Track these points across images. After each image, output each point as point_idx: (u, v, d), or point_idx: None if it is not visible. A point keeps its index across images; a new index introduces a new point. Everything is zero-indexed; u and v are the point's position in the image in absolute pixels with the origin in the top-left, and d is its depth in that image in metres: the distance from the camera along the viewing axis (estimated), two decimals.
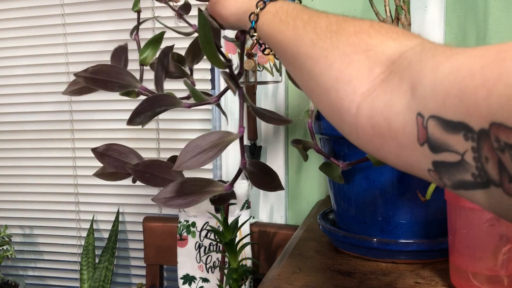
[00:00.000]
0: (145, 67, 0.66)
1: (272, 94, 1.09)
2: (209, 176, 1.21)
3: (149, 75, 0.62)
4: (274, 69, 1.08)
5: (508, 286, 0.49)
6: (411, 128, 0.29)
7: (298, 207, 1.12)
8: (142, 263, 1.20)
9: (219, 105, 0.63)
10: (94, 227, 1.29)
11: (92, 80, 0.56)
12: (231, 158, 1.15)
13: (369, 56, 0.34)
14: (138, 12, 0.72)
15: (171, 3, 0.69)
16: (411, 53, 0.32)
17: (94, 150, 0.59)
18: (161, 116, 0.61)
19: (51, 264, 1.36)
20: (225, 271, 0.95)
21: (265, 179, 0.58)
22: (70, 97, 1.28)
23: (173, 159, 0.64)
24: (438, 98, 0.26)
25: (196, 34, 0.61)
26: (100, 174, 0.62)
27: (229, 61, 0.54)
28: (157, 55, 0.61)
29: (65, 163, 1.30)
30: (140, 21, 0.73)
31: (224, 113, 0.67)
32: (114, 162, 0.60)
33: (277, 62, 1.07)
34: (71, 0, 1.23)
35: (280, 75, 1.08)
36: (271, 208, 1.12)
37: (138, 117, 0.52)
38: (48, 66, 1.28)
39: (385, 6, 0.71)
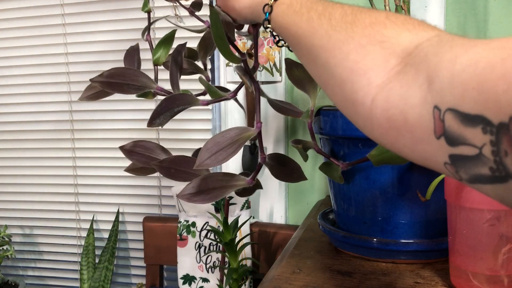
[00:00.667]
0: (158, 67, 0.66)
1: (272, 94, 1.09)
2: None
3: (162, 74, 0.62)
4: (274, 69, 1.08)
5: (508, 286, 0.49)
6: (428, 121, 0.28)
7: (298, 207, 1.12)
8: (142, 263, 1.20)
9: (236, 100, 0.63)
10: (94, 227, 1.29)
11: (108, 84, 0.57)
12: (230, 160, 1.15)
13: (385, 48, 0.34)
14: (148, 12, 0.71)
15: (182, 1, 0.68)
16: (428, 45, 0.31)
17: (122, 148, 0.59)
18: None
19: (51, 264, 1.36)
20: (225, 271, 0.95)
21: (286, 171, 0.58)
22: (70, 97, 1.28)
23: (197, 153, 0.65)
24: (456, 91, 0.25)
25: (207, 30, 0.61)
26: (131, 170, 0.62)
27: (243, 55, 0.54)
28: (170, 53, 0.61)
29: (65, 163, 1.30)
30: (151, 21, 0.72)
31: (242, 107, 0.68)
32: (142, 158, 0.60)
33: (277, 62, 1.07)
34: (71, 0, 1.23)
35: (280, 75, 1.08)
36: (271, 208, 1.12)
37: (158, 118, 0.52)
38: (48, 66, 1.28)
39: (385, 6, 0.71)
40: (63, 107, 1.28)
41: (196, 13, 0.65)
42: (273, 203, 1.12)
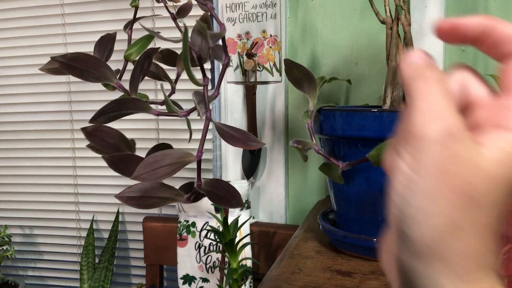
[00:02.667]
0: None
1: (272, 94, 1.09)
2: (210, 176, 1.21)
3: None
4: (274, 69, 1.08)
5: (508, 285, 0.49)
6: None
7: (298, 207, 1.12)
8: (142, 263, 1.20)
9: (187, 120, 0.63)
10: (94, 227, 1.29)
11: (68, 66, 0.56)
12: (230, 157, 1.15)
13: None
14: (136, 7, 0.72)
15: (169, 3, 0.69)
16: None
17: (83, 129, 0.59)
18: (161, 116, 0.61)
19: (51, 264, 1.36)
20: (225, 271, 0.95)
21: (224, 197, 0.57)
22: (70, 97, 1.28)
23: (154, 149, 0.64)
24: None
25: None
26: (92, 147, 0.63)
27: (205, 79, 0.54)
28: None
29: (65, 163, 1.30)
30: (137, 17, 0.73)
31: (190, 129, 0.66)
32: (101, 142, 0.61)
33: (277, 62, 1.07)
34: (71, 0, 1.23)
35: (280, 75, 1.08)
36: (271, 208, 1.12)
37: (102, 116, 0.53)
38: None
39: (385, 6, 0.71)
40: (63, 107, 1.28)
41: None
42: (273, 203, 1.12)
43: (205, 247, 1.09)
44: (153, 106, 0.58)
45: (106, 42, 0.66)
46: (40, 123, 1.31)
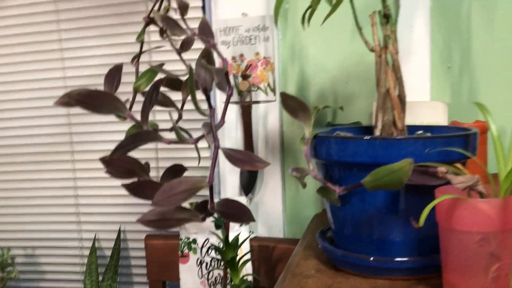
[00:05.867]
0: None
1: (267, 112, 1.13)
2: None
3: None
4: (268, 89, 1.12)
5: None
6: None
7: (295, 221, 1.16)
8: (145, 280, 1.23)
9: (196, 146, 0.66)
10: (96, 245, 1.31)
11: (82, 102, 0.60)
12: (228, 172, 1.18)
13: None
14: (142, 42, 0.75)
15: (173, 37, 0.72)
16: None
17: (102, 159, 0.63)
18: (172, 144, 0.64)
19: (55, 283, 1.39)
20: (228, 287, 0.99)
21: (236, 214, 0.61)
22: (69, 120, 1.31)
23: (169, 171, 0.68)
24: None
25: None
26: (110, 172, 0.66)
27: (212, 110, 0.59)
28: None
29: (66, 184, 1.33)
30: (143, 50, 0.76)
31: (198, 154, 0.71)
32: (118, 168, 0.65)
33: (271, 82, 1.11)
34: (69, 26, 1.26)
35: (274, 94, 1.12)
36: (269, 223, 1.16)
37: (120, 150, 0.57)
38: (46, 90, 1.31)
39: (373, 35, 0.75)
40: (62, 129, 1.31)
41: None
42: (271, 217, 1.16)
43: (207, 263, 1.12)
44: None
45: (114, 74, 0.70)
46: (40, 146, 1.34)
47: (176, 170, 0.71)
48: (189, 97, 0.63)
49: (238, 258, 0.94)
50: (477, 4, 1.00)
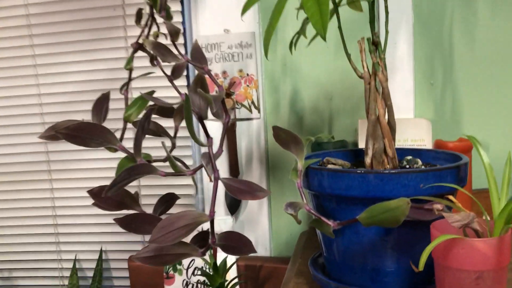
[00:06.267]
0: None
1: (251, 129, 1.12)
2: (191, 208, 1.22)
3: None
4: (252, 107, 1.10)
5: None
6: None
7: (281, 239, 1.15)
8: None
9: (193, 178, 0.66)
10: (77, 266, 1.28)
11: (72, 137, 0.57)
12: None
13: None
14: (130, 70, 0.72)
15: (165, 63, 0.69)
16: None
17: (90, 192, 0.60)
18: (168, 176, 0.62)
19: None
20: None
21: (237, 247, 0.60)
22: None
23: (161, 201, 0.66)
24: None
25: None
26: (97, 205, 0.64)
27: (209, 140, 0.57)
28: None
29: (44, 204, 1.29)
30: (132, 77, 0.73)
31: (195, 184, 0.70)
32: (107, 200, 0.62)
33: (255, 99, 1.10)
34: (42, 41, 1.22)
35: (259, 112, 1.10)
36: (255, 241, 1.15)
37: (116, 186, 0.54)
38: (21, 107, 1.26)
39: (362, 62, 0.74)
40: (39, 148, 1.27)
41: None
42: (257, 235, 1.14)
43: (193, 284, 1.11)
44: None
45: (102, 103, 0.67)
46: (16, 165, 1.29)
47: (168, 199, 0.68)
48: (183, 124, 0.61)
49: (226, 284, 0.92)
50: (458, 19, 1.01)
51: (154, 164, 0.60)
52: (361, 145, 1.01)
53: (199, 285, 1.10)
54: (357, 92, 1.06)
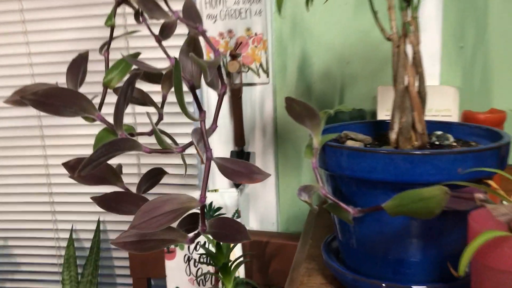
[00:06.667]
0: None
1: (259, 96, 1.02)
2: (195, 189, 1.14)
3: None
4: (260, 70, 1.00)
5: None
6: None
7: (289, 213, 1.07)
8: (129, 275, 1.15)
9: (182, 156, 0.57)
10: (74, 236, 1.22)
11: (41, 104, 0.49)
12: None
13: None
14: (112, 27, 0.63)
15: (152, 21, 0.60)
16: None
17: (65, 164, 0.51)
18: (154, 153, 0.55)
19: (30, 275, 1.29)
20: None
21: (230, 234, 0.53)
22: None
23: (148, 175, 0.58)
24: None
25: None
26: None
27: (202, 114, 0.48)
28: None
29: (37, 171, 1.21)
30: (113, 37, 0.64)
31: (185, 163, 0.62)
32: (88, 176, 0.56)
33: (264, 62, 1.00)
34: (32, 5, 1.11)
35: (267, 76, 1.01)
36: (261, 215, 1.07)
37: (91, 165, 0.46)
38: (10, 67, 1.17)
39: (390, 21, 0.64)
40: (31, 112, 1.18)
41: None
42: (264, 209, 1.07)
43: (195, 260, 1.04)
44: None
45: (79, 65, 0.58)
46: (8, 130, 1.21)
47: (155, 175, 0.61)
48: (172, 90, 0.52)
49: (231, 263, 0.85)
50: None
51: (140, 139, 0.52)
52: (380, 115, 0.92)
53: (202, 260, 1.04)
54: (377, 56, 0.96)
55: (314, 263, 0.72)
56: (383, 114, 0.93)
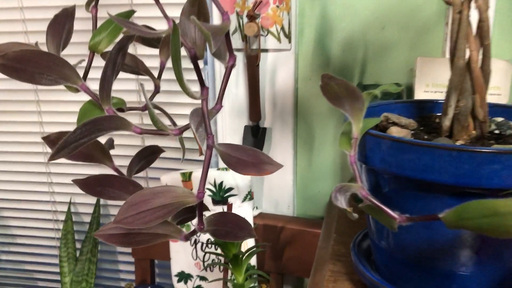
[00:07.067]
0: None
1: (278, 64, 0.90)
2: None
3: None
4: (281, 34, 0.88)
5: None
6: None
7: (308, 196, 0.97)
8: (131, 256, 1.06)
9: (181, 139, 0.49)
10: (72, 210, 1.13)
11: (12, 70, 0.40)
12: (228, 136, 0.98)
13: None
14: None
15: None
16: None
17: (45, 138, 0.46)
18: (145, 134, 0.45)
19: (27, 248, 1.22)
20: (228, 284, 0.82)
21: (231, 231, 0.46)
22: None
23: (142, 153, 0.51)
24: None
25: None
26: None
27: (204, 91, 0.38)
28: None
29: (33, 139, 1.12)
30: None
31: (183, 147, 0.53)
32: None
33: (286, 25, 0.87)
34: None
35: (289, 41, 0.88)
36: (276, 197, 0.97)
37: (67, 148, 0.37)
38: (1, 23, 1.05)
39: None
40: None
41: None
42: (279, 191, 0.97)
43: (203, 243, 0.95)
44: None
45: (63, 22, 0.47)
46: (2, 92, 1.10)
47: (149, 154, 0.52)
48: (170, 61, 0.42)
49: (242, 255, 0.76)
50: None
51: (131, 115, 0.43)
52: (418, 91, 0.80)
53: (209, 246, 0.95)
54: (417, 21, 0.83)
55: (340, 265, 0.63)
56: (422, 90, 0.81)
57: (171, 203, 0.38)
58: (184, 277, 0.98)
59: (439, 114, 0.64)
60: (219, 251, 0.86)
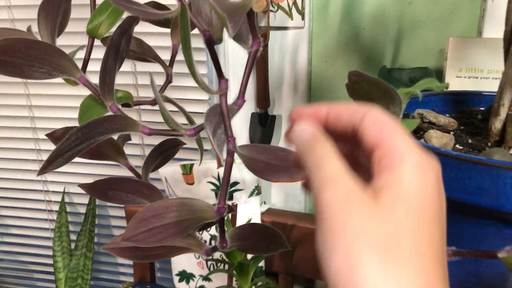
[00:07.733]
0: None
1: (290, 44, 0.80)
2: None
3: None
4: (294, 10, 0.77)
5: None
6: None
7: None
8: None
9: (199, 141, 0.43)
10: (67, 200, 1.05)
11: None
12: (236, 124, 0.88)
13: None
14: None
15: None
16: None
17: (49, 135, 0.41)
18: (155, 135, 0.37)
19: (21, 239, 1.15)
20: None
21: (261, 245, 0.40)
22: None
23: (160, 149, 0.45)
24: None
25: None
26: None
27: (223, 85, 0.32)
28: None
29: (23, 123, 1.03)
30: None
31: (201, 149, 0.45)
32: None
33: (298, 0, 0.76)
34: None
35: (303, 18, 0.78)
36: (286, 192, 0.89)
37: (61, 158, 0.32)
38: None
39: None
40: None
41: None
42: (289, 185, 0.88)
43: (205, 241, 0.87)
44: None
45: (57, 4, 0.39)
46: None
47: (167, 148, 0.46)
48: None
49: (248, 263, 0.68)
50: None
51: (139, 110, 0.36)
52: (449, 76, 0.70)
53: (213, 242, 0.86)
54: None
55: None
56: (453, 75, 0.71)
57: (187, 218, 0.33)
58: (185, 276, 0.90)
59: (481, 108, 0.55)
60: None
